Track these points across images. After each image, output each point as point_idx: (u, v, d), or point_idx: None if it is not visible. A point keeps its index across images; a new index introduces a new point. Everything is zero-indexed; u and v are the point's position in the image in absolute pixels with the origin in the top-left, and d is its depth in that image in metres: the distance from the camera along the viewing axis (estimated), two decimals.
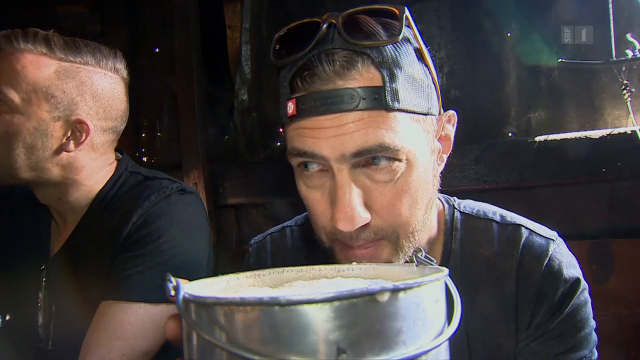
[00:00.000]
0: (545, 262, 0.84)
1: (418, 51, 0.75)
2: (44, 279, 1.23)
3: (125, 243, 1.16)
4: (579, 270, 0.87)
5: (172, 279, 0.46)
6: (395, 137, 0.69)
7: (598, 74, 1.68)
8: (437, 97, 0.79)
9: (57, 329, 1.21)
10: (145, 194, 1.20)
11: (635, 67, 1.62)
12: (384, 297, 0.39)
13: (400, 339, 0.40)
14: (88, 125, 1.18)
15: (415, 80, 0.72)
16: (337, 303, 0.38)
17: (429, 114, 0.76)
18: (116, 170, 1.28)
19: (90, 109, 1.19)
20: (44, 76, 1.14)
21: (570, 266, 0.86)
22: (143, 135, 2.26)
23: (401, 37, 0.70)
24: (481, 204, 0.95)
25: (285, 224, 1.06)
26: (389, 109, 0.68)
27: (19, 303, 1.26)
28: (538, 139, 1.69)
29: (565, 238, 0.91)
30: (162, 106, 2.24)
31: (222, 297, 0.41)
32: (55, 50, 1.15)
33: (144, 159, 2.25)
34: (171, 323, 0.50)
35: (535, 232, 0.88)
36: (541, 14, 1.73)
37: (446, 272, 0.49)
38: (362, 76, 0.68)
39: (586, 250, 1.64)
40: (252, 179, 2.03)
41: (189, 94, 2.03)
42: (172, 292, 0.45)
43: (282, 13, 2.05)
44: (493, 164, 1.72)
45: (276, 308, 0.38)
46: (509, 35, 1.76)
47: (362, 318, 0.39)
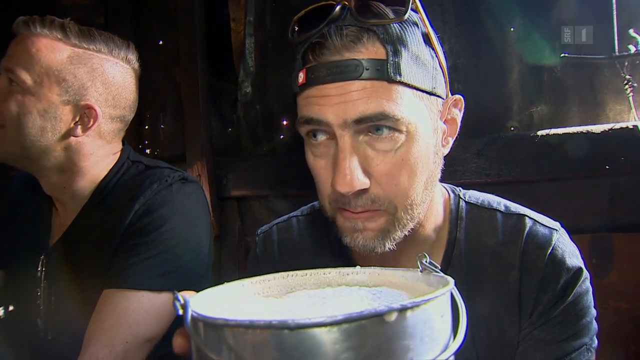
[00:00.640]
0: (549, 251, 0.86)
1: (425, 35, 0.79)
2: (43, 269, 1.24)
3: (127, 232, 1.17)
4: (581, 260, 0.89)
5: (180, 297, 0.46)
6: (396, 107, 0.73)
7: (600, 69, 1.68)
8: (445, 81, 0.83)
9: (57, 319, 1.22)
10: (147, 183, 1.21)
11: (637, 62, 1.63)
12: (392, 317, 0.39)
13: (408, 356, 0.41)
14: (96, 110, 1.19)
15: (419, 59, 0.76)
16: (345, 325, 0.38)
17: (433, 94, 0.79)
18: (119, 159, 1.29)
19: (99, 96, 1.20)
20: (57, 60, 1.16)
21: (572, 256, 0.88)
22: (146, 127, 2.27)
23: (407, 17, 0.75)
24: (486, 194, 0.97)
25: (292, 213, 1.08)
26: (391, 81, 0.73)
27: (19, 293, 1.27)
28: (540, 133, 1.69)
29: (566, 232, 0.92)
30: (165, 98, 2.24)
31: (231, 320, 0.40)
32: (70, 37, 1.18)
33: (147, 151, 2.26)
34: (179, 338, 0.51)
35: (538, 222, 0.90)
36: (543, 12, 1.73)
37: (452, 284, 0.49)
38: (367, 49, 0.74)
39: (587, 244, 1.64)
40: (255, 172, 2.04)
41: (193, 87, 2.03)
42: (180, 311, 0.45)
43: (286, 6, 2.05)
44: (495, 158, 1.72)
45: (285, 331, 0.38)
46: (512, 30, 1.76)
47: (370, 339, 0.39)
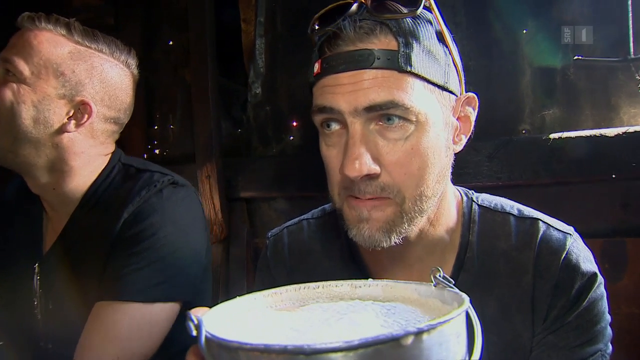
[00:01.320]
0: (563, 256, 0.85)
1: (439, 33, 0.81)
2: (38, 277, 1.22)
3: (117, 240, 1.15)
4: (595, 264, 0.88)
5: (193, 317, 0.46)
6: (406, 96, 0.75)
7: (614, 72, 1.67)
8: (459, 80, 0.85)
9: (55, 327, 1.20)
10: (136, 189, 1.19)
11: None
12: (409, 341, 0.39)
13: None
14: (91, 107, 1.19)
15: (431, 53, 0.78)
16: (361, 350, 0.38)
17: (445, 89, 0.80)
18: (109, 161, 1.27)
19: (96, 94, 1.20)
20: (58, 54, 1.16)
21: (587, 260, 0.87)
22: (156, 127, 2.28)
23: (419, 12, 0.77)
24: (499, 198, 0.96)
25: (302, 217, 1.07)
26: (401, 71, 0.75)
27: (16, 302, 1.24)
28: (552, 136, 1.68)
29: (579, 236, 0.92)
30: (175, 99, 2.25)
31: (245, 343, 0.40)
32: (74, 34, 1.18)
33: (157, 151, 2.27)
34: (192, 357, 0.51)
35: (552, 227, 0.89)
36: (555, 14, 1.71)
37: (468, 303, 0.49)
38: (380, 41, 0.76)
39: (599, 248, 1.63)
40: (264, 173, 2.04)
41: (203, 87, 2.03)
42: (194, 332, 0.45)
43: (297, 7, 2.05)
44: (507, 161, 1.71)
45: (301, 357, 0.38)
46: (524, 32, 1.75)
47: None
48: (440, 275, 0.57)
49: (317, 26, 0.83)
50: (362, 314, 0.54)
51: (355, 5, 0.79)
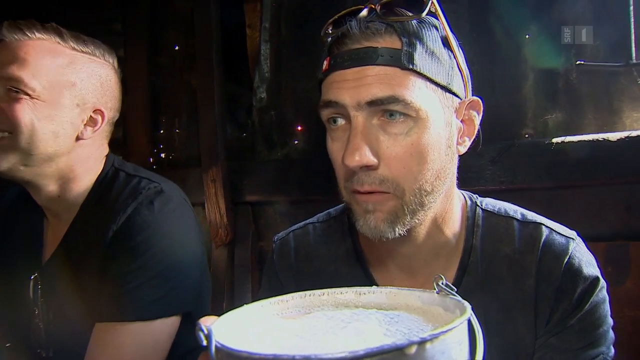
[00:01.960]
0: (566, 260, 0.87)
1: (444, 38, 0.84)
2: (39, 286, 1.21)
3: (110, 252, 1.14)
4: (598, 268, 0.89)
5: (204, 327, 0.47)
6: (407, 92, 0.78)
7: (616, 77, 1.67)
8: (464, 84, 0.87)
9: (56, 335, 1.20)
10: (123, 197, 1.18)
11: None
12: (412, 351, 0.40)
13: None
14: (103, 112, 1.20)
15: (434, 54, 0.81)
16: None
17: (449, 90, 0.83)
18: (104, 165, 1.26)
19: (101, 97, 1.21)
20: (62, 65, 1.15)
21: (589, 265, 0.88)
22: (162, 131, 2.30)
23: (424, 15, 0.81)
24: (503, 202, 0.98)
25: (308, 220, 1.09)
26: (404, 68, 0.78)
27: (17, 310, 1.23)
28: (555, 140, 1.69)
29: (582, 240, 0.93)
30: (181, 103, 2.27)
31: (254, 353, 0.41)
32: (67, 40, 1.17)
33: (162, 155, 2.29)
34: None
35: (555, 231, 0.91)
36: (557, 19, 1.72)
37: (470, 311, 0.50)
38: (384, 40, 0.80)
39: (603, 252, 1.63)
40: (269, 177, 2.06)
41: (209, 92, 2.05)
42: (205, 342, 0.46)
43: (301, 13, 2.07)
44: (510, 165, 1.72)
45: None
46: (527, 37, 1.76)
47: None
48: (442, 283, 0.58)
49: (330, 30, 0.87)
50: (366, 323, 0.55)
51: (365, 10, 0.83)
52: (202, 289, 1.26)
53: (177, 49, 2.27)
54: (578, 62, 1.69)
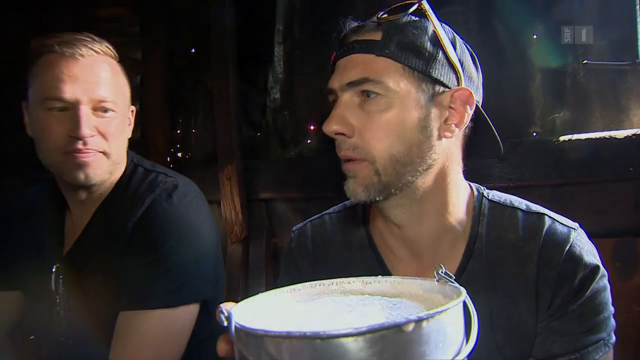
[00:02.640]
0: (567, 247, 0.91)
1: (433, 36, 0.91)
2: (60, 277, 1.26)
3: (131, 244, 1.19)
4: (599, 259, 0.93)
5: (224, 310, 0.53)
6: (378, 75, 0.89)
7: (623, 75, 1.69)
8: (457, 76, 0.92)
9: (77, 324, 1.24)
10: (141, 191, 1.24)
11: None
12: (410, 328, 0.46)
13: None
14: (133, 109, 1.30)
15: (415, 45, 0.89)
16: (369, 335, 0.44)
17: (428, 75, 0.89)
18: (127, 162, 1.32)
19: (130, 99, 1.30)
20: (120, 77, 1.25)
21: (590, 254, 0.92)
22: (178, 131, 2.34)
23: (410, 12, 0.92)
24: (509, 195, 1.02)
25: (324, 212, 1.16)
26: (378, 54, 0.90)
27: (39, 300, 1.28)
28: (562, 138, 1.71)
29: (590, 236, 0.96)
30: (197, 104, 2.31)
31: (270, 331, 0.47)
32: (112, 52, 1.24)
33: (179, 154, 2.34)
34: (223, 344, 0.59)
35: (557, 221, 0.95)
36: (565, 19, 1.74)
37: (464, 294, 0.55)
38: (369, 34, 0.92)
39: (610, 248, 1.65)
40: (282, 175, 2.10)
41: (224, 93, 2.08)
42: (225, 323, 0.52)
43: (314, 15, 2.11)
44: (517, 163, 1.74)
45: (317, 341, 0.45)
46: (534, 37, 1.79)
47: (391, 346, 0.45)
48: (442, 271, 0.63)
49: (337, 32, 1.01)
50: (370, 307, 0.60)
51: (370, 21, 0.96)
52: (218, 277, 1.32)
53: (193, 51, 2.31)
54: (585, 61, 1.71)
